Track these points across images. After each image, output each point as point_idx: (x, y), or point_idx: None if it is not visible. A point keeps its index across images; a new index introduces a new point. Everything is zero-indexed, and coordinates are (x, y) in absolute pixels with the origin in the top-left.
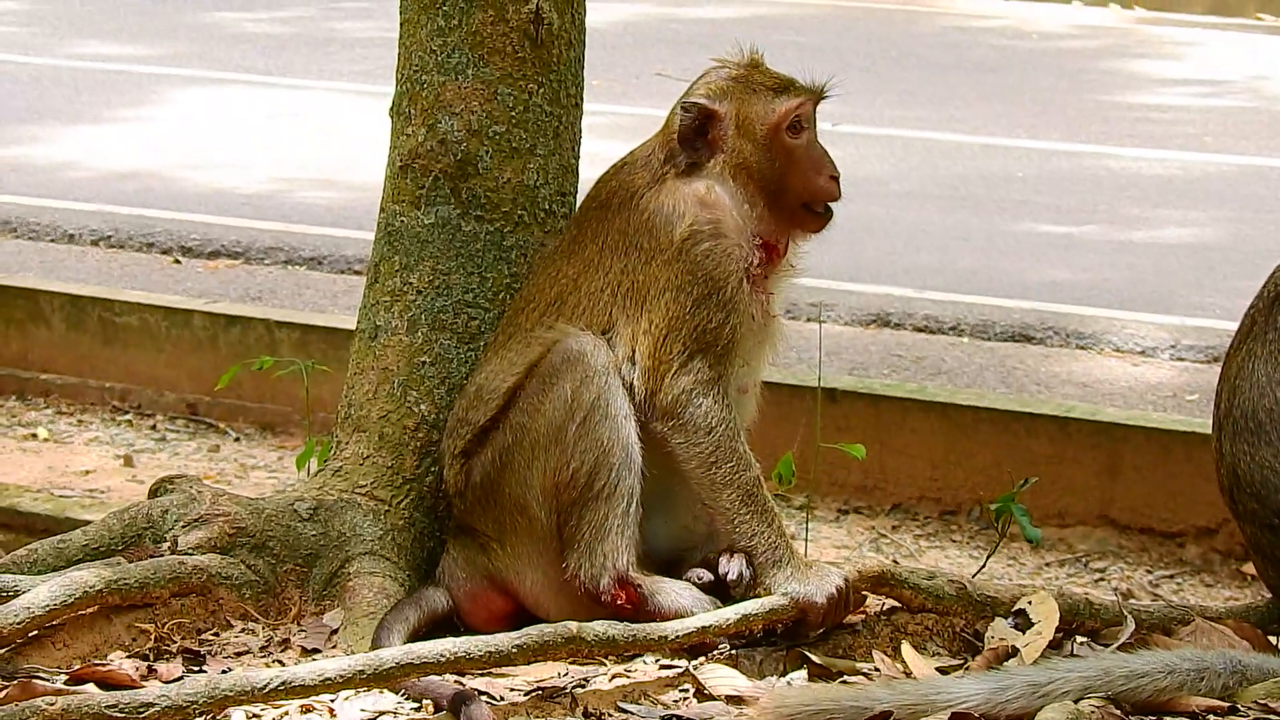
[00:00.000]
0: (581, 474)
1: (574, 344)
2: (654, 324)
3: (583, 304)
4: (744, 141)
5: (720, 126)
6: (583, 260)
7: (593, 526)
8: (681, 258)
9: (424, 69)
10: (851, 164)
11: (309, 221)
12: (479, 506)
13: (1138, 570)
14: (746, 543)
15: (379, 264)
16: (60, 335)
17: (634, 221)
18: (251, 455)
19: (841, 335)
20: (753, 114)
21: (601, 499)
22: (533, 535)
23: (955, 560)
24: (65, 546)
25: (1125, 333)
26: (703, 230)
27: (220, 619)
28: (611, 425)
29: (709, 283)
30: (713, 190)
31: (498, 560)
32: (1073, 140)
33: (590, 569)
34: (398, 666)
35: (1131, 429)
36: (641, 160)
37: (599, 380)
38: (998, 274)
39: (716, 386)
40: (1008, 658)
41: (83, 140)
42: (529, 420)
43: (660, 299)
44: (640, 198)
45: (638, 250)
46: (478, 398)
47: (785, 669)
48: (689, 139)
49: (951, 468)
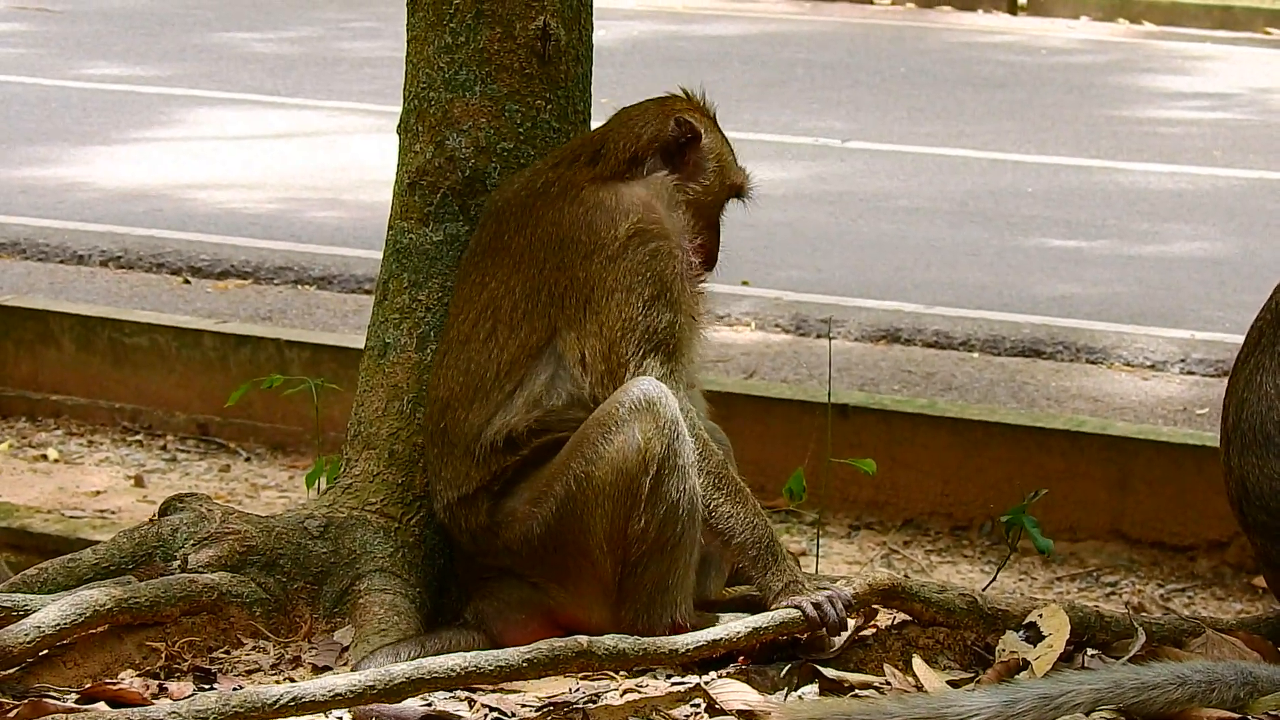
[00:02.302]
0: (651, 530)
1: (641, 390)
2: (605, 326)
3: (520, 308)
4: (710, 179)
5: (698, 152)
6: (512, 257)
7: (655, 580)
8: (626, 256)
9: (431, 86)
10: (860, 180)
11: (318, 241)
12: (528, 551)
13: (1149, 584)
14: (724, 526)
15: (387, 281)
16: (70, 356)
17: (570, 213)
18: (262, 475)
19: (851, 351)
20: (727, 162)
21: (666, 551)
22: (596, 579)
23: (966, 576)
24: (75, 565)
25: (1135, 347)
26: (649, 229)
27: (231, 637)
28: (680, 478)
29: (659, 282)
30: (657, 198)
31: (559, 597)
32: (1082, 155)
33: (647, 622)
34: (408, 682)
35: (1142, 443)
36: (587, 155)
37: (669, 431)
38: (1007, 289)
39: (672, 382)
40: (1019, 671)
41: (91, 161)
42: (592, 469)
43: (608, 300)
44: (581, 191)
45: (574, 245)
46: (473, 439)
47: (797, 683)
48: (668, 151)
49: (963, 483)
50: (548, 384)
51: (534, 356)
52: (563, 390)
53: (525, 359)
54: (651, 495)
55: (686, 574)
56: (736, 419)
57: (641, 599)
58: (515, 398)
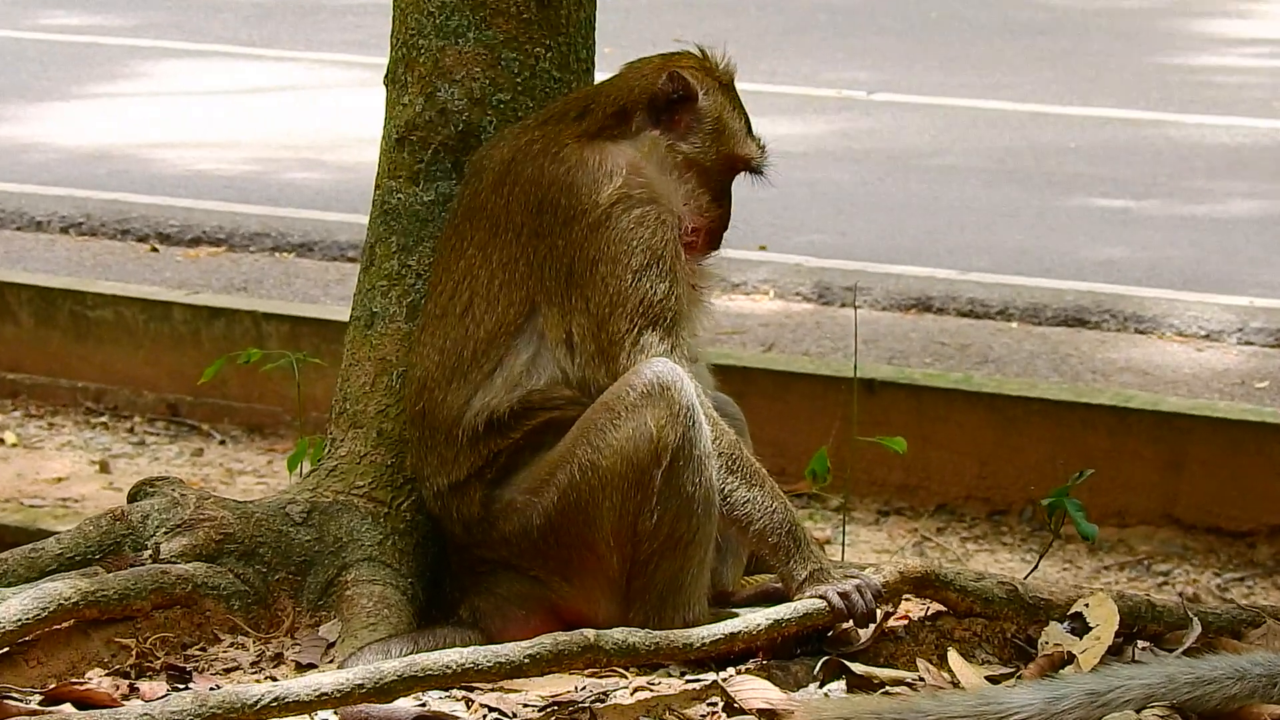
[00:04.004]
0: (663, 525)
1: (654, 373)
2: (591, 302)
3: (496, 279)
4: (706, 142)
5: (692, 113)
6: (489, 220)
7: (667, 579)
8: (610, 223)
9: (421, 33)
10: (889, 136)
11: (298, 204)
12: (527, 544)
13: (1205, 573)
14: (741, 512)
15: (374, 246)
16: (28, 331)
17: (550, 172)
18: (238, 459)
19: (879, 321)
20: (730, 130)
21: (679, 549)
22: (602, 573)
23: (1006, 565)
24: (38, 556)
25: (1188, 315)
26: (634, 194)
27: (207, 632)
28: (696, 470)
29: (648, 251)
30: (646, 161)
31: (561, 591)
32: (1130, 107)
33: (658, 624)
34: (400, 680)
35: (1196, 420)
36: (576, 111)
37: (685, 418)
38: (1049, 253)
39: (675, 359)
40: (1063, 665)
41: (50, 119)
42: (599, 458)
43: (593, 273)
44: (565, 148)
45: (552, 209)
46: (454, 422)
47: (822, 680)
48: (659, 106)
49: (1000, 464)
50: (528, 364)
51: (513, 334)
52: (544, 371)
53: (504, 337)
54: (664, 489)
55: (701, 572)
56: (754, 395)
57: (652, 599)
58: (494, 378)
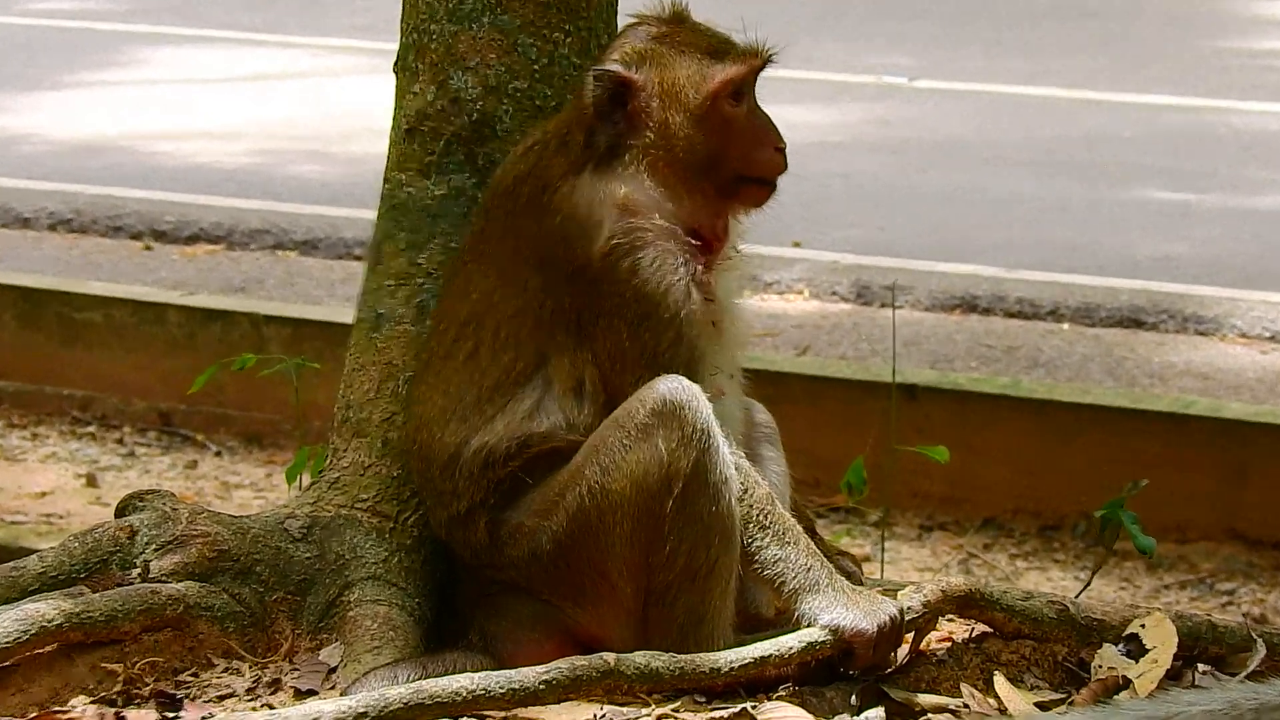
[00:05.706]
0: (678, 556)
1: (666, 389)
2: (596, 355)
3: (502, 330)
4: (672, 114)
5: (641, 98)
6: (496, 268)
7: (687, 611)
8: (606, 276)
9: (433, 18)
10: (931, 125)
11: (301, 199)
12: (537, 569)
13: (1271, 591)
14: (770, 571)
15: (382, 243)
16: (12, 335)
17: (546, 225)
18: (235, 471)
19: (921, 322)
20: (682, 80)
21: (697, 581)
22: (617, 601)
23: (1058, 583)
24: (19, 575)
25: (1251, 315)
26: (623, 243)
27: (200, 657)
28: (712, 497)
29: (644, 300)
30: (632, 190)
31: (575, 615)
32: (1187, 94)
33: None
34: (406, 707)
35: (1260, 427)
36: (556, 140)
37: (699, 442)
38: (1102, 249)
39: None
40: (1118, 690)
41: (39, 109)
42: (608, 480)
43: (595, 325)
44: (554, 194)
45: (553, 265)
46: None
47: (860, 706)
48: (605, 113)
49: (1050, 475)
50: (532, 409)
51: (519, 384)
52: (548, 417)
53: (510, 385)
54: (677, 518)
55: (724, 603)
56: (786, 402)
57: (672, 633)
58: (495, 421)
